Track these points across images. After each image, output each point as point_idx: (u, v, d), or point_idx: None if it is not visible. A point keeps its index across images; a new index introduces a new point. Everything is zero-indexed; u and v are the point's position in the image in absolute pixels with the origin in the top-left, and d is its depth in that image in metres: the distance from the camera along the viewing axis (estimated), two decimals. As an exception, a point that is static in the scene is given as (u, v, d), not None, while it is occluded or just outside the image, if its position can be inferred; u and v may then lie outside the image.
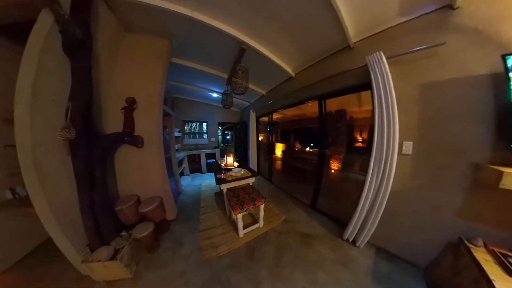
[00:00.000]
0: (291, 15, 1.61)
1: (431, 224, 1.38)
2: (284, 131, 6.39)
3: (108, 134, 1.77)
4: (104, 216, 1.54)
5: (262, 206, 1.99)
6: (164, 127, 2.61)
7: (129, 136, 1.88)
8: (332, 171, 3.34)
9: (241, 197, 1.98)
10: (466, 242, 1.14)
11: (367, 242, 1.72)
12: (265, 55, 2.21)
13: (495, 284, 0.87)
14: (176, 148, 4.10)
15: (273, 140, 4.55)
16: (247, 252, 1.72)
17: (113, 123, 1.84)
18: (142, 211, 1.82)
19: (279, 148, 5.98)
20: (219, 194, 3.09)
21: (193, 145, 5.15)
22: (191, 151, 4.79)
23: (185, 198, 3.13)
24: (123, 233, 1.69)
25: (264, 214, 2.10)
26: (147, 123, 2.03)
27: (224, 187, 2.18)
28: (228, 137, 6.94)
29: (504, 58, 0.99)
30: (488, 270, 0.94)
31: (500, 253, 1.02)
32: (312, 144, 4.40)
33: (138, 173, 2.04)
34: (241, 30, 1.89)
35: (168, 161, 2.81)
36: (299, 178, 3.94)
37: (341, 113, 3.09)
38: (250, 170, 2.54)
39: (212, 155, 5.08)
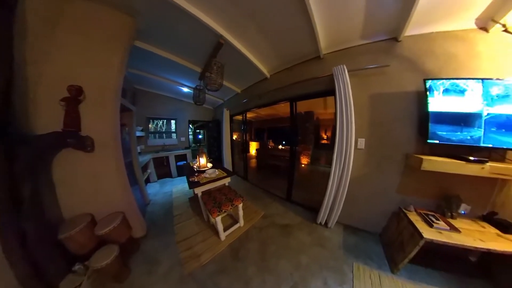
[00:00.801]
0: (273, 19, 1.67)
1: (380, 201, 1.83)
2: (258, 130, 6.45)
3: (41, 135, 1.28)
4: (44, 251, 1.16)
5: (241, 205, 1.99)
6: (123, 125, 2.17)
7: (73, 137, 1.42)
8: (303, 165, 3.82)
9: (218, 199, 1.90)
10: (403, 210, 1.59)
11: (336, 222, 2.06)
12: (243, 53, 2.19)
13: (423, 234, 1.27)
14: (139, 151, 3.56)
15: (247, 139, 4.55)
16: (231, 254, 1.69)
17: (47, 119, 1.33)
18: (99, 233, 1.41)
19: (253, 147, 5.96)
20: (194, 199, 2.85)
21: (160, 146, 4.47)
22: (158, 153, 4.12)
23: (154, 208, 2.69)
24: (77, 266, 1.31)
25: (244, 213, 2.11)
26: (99, 120, 1.55)
27: (199, 190, 2.02)
28: (200, 136, 6.44)
29: (424, 81, 1.43)
30: (418, 226, 1.36)
31: (424, 213, 1.49)
32: (284, 142, 4.72)
33: (89, 186, 1.55)
34: (220, 23, 1.78)
35: (129, 166, 2.35)
36: (274, 174, 4.18)
37: (309, 114, 3.54)
38: (225, 170, 2.49)
39: (182, 157, 4.54)
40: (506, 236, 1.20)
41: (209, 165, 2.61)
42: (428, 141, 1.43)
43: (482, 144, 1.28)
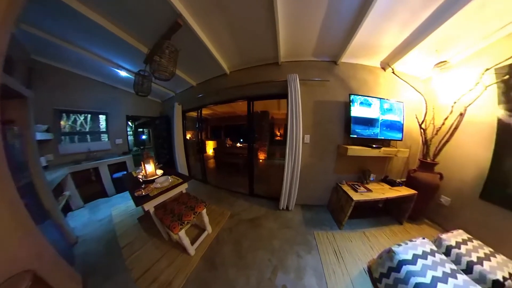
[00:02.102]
0: (243, 17, 1.67)
1: (324, 181, 2.44)
2: (214, 128, 5.87)
3: None
4: None
5: (204, 211, 1.82)
6: (7, 123, 1.18)
7: None
8: (261, 160, 4.03)
9: (176, 211, 1.63)
10: (339, 184, 2.26)
11: (295, 204, 2.46)
12: (204, 43, 1.96)
13: (353, 197, 1.89)
14: (45, 164, 2.44)
15: (203, 137, 4.02)
16: (207, 266, 1.55)
17: None
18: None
19: (210, 146, 5.44)
20: (145, 218, 2.19)
21: (83, 153, 2.88)
22: (80, 164, 2.63)
23: (88, 247, 1.76)
24: None
25: (209, 218, 1.97)
26: None
27: (150, 206, 1.61)
28: (144, 137, 4.89)
29: (349, 95, 2.11)
30: (349, 193, 2.00)
31: (351, 184, 2.20)
32: (242, 140, 4.62)
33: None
34: (183, 0, 1.50)
35: (28, 192, 1.38)
36: (234, 172, 4.10)
37: (265, 113, 3.76)
38: (180, 175, 2.14)
39: (120, 166, 3.21)
40: (394, 188, 2.11)
41: (159, 172, 2.14)
42: (351, 135, 2.12)
43: (379, 137, 2.15)
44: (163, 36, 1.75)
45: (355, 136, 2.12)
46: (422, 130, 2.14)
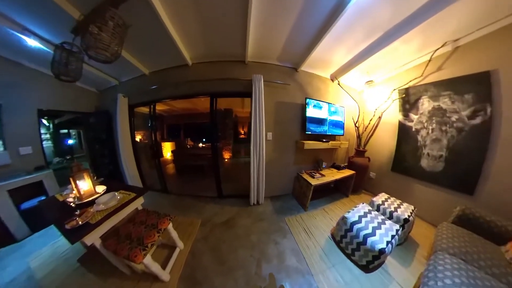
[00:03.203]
0: (215, 6, 1.57)
1: (287, 172, 2.77)
2: (172, 127, 4.73)
3: None
4: None
5: (170, 225, 1.54)
6: None
7: None
8: (226, 160, 3.72)
9: (134, 234, 1.30)
10: (299, 174, 2.63)
11: (264, 197, 2.61)
12: (164, 23, 1.63)
13: (312, 183, 2.30)
14: None
15: (158, 139, 3.22)
16: (189, 285, 1.37)
17: None
18: None
19: (167, 149, 4.42)
20: (90, 256, 1.53)
21: None
22: None
23: None
24: None
25: (178, 232, 1.68)
26: None
27: (94, 238, 1.20)
28: (70, 141, 3.30)
29: (306, 99, 2.51)
30: (308, 180, 2.39)
31: (309, 172, 2.62)
32: (204, 140, 3.97)
33: None
34: None
35: None
36: (199, 175, 3.66)
37: (229, 111, 3.52)
38: (131, 188, 1.69)
39: (33, 189, 1.95)
40: (340, 171, 2.72)
41: (100, 188, 1.61)
42: (306, 132, 2.53)
43: (327, 133, 2.69)
44: (108, 1, 1.28)
45: (310, 132, 2.55)
46: (356, 128, 2.96)
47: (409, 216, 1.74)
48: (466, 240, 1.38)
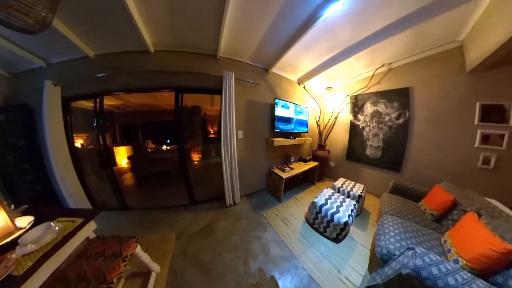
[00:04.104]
0: None
1: (259, 169, 2.87)
2: (126, 127, 3.45)
3: None
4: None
5: (138, 249, 1.26)
6: None
7: None
8: (196, 162, 3.23)
9: (90, 273, 0.96)
10: (271, 169, 2.79)
11: (240, 196, 2.59)
12: None
13: (283, 176, 2.51)
14: None
15: (109, 142, 2.55)
16: None
17: None
18: None
19: (122, 154, 3.44)
20: None
21: None
22: None
23: None
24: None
25: (150, 254, 1.38)
26: None
27: None
28: None
29: (275, 99, 2.68)
30: (279, 174, 2.58)
31: (280, 167, 2.82)
32: (169, 141, 3.17)
33: None
34: None
35: None
36: (165, 182, 3.15)
37: (197, 108, 3.07)
38: (75, 213, 1.23)
39: None
40: (306, 164, 3.06)
41: (25, 220, 1.07)
42: (275, 130, 2.71)
43: (294, 131, 2.96)
44: None
45: (279, 130, 2.74)
46: (318, 126, 3.47)
47: (361, 193, 2.26)
48: (399, 203, 1.95)
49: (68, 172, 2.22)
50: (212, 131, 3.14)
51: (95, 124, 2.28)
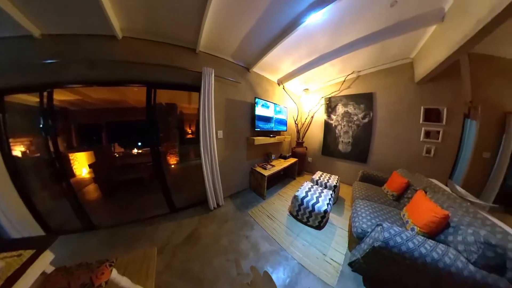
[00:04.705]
0: None
1: (241, 168, 2.85)
2: (85, 128, 2.32)
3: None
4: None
5: (114, 272, 1.05)
6: None
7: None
8: (173, 166, 2.80)
9: None
10: (253, 168, 2.82)
11: (224, 198, 2.52)
12: None
13: (265, 174, 2.57)
14: None
15: (63, 148, 2.00)
16: None
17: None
18: None
19: (82, 162, 2.70)
20: None
21: None
22: None
23: None
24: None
25: (130, 276, 1.15)
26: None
27: None
28: None
29: (255, 98, 2.70)
30: (262, 172, 2.65)
31: (261, 165, 2.87)
32: (140, 144, 2.52)
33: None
34: None
35: None
36: (139, 191, 2.72)
37: (172, 106, 2.66)
38: (21, 244, 0.94)
39: None
40: (286, 160, 3.19)
41: None
42: (256, 129, 2.76)
43: (274, 129, 3.06)
44: None
45: (259, 129, 2.79)
46: (296, 124, 3.70)
47: (336, 183, 2.54)
48: (367, 188, 2.30)
49: (4, 191, 1.65)
50: (190, 131, 2.90)
51: (41, 126, 1.76)
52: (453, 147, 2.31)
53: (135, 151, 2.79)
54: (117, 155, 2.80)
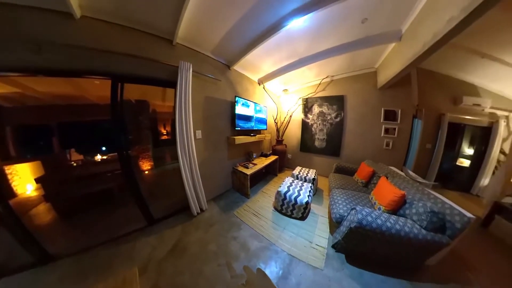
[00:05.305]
0: None
1: (223, 169, 2.76)
2: (28, 131, 1.37)
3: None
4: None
5: None
6: None
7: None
8: (147, 172, 2.26)
9: None
10: (235, 168, 2.78)
11: (207, 201, 2.37)
12: None
13: (246, 172, 2.57)
14: None
15: None
16: None
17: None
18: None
19: (25, 177, 1.84)
20: None
21: None
22: None
23: None
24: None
25: None
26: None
27: None
28: None
29: (235, 97, 2.65)
30: (244, 171, 2.65)
31: (243, 164, 2.86)
32: (104, 148, 1.81)
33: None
34: None
35: None
36: (107, 206, 2.23)
37: (144, 104, 2.15)
38: None
39: None
40: (267, 158, 3.27)
41: None
42: (236, 128, 2.72)
43: (254, 128, 3.06)
44: None
45: (239, 128, 2.75)
46: (275, 123, 3.85)
47: (314, 176, 2.77)
48: (341, 178, 2.61)
49: None
50: (164, 131, 2.57)
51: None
52: (405, 141, 2.92)
53: (98, 157, 2.19)
54: (74, 164, 2.07)
